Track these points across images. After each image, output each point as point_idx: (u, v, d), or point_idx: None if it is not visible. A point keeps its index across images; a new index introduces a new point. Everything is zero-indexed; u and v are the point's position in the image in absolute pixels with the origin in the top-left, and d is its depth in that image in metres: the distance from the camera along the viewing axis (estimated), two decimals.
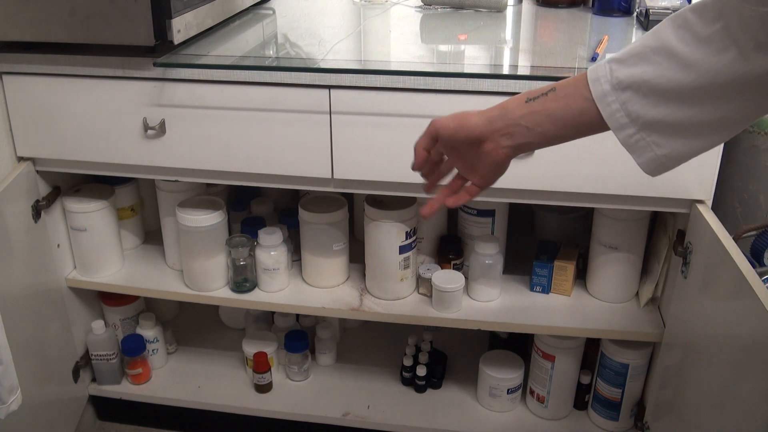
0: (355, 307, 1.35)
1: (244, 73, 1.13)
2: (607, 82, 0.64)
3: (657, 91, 0.62)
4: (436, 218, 1.42)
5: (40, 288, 1.33)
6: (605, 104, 0.64)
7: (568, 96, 0.66)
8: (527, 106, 0.68)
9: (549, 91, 0.68)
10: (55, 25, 1.12)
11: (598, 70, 0.65)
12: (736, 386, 0.91)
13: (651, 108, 0.62)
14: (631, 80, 0.63)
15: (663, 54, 0.61)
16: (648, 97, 0.62)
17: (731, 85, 0.59)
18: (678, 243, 1.18)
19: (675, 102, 0.61)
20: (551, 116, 0.67)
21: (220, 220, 1.34)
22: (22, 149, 1.27)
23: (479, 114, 0.72)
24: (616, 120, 0.64)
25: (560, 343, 1.34)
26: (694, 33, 0.60)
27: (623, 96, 0.63)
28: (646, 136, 0.64)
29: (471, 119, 0.72)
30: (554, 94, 0.67)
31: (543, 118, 0.67)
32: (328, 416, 1.45)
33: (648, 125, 0.63)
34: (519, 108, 0.69)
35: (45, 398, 1.36)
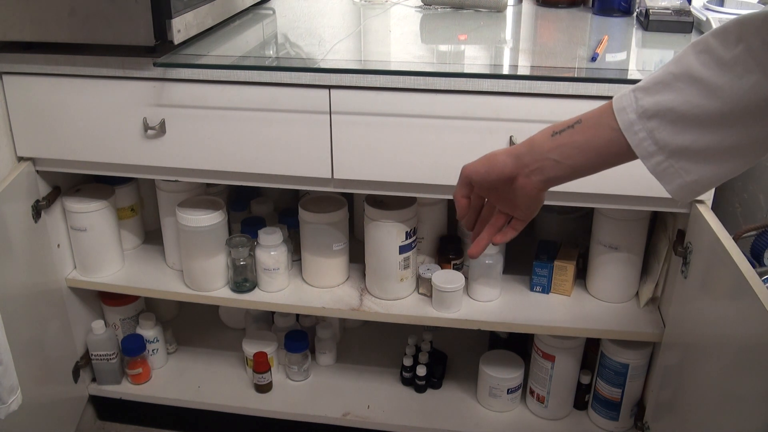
0: (355, 307, 1.35)
1: (244, 73, 1.13)
2: (633, 111, 0.64)
3: (683, 118, 0.62)
4: (436, 218, 1.42)
5: (40, 288, 1.33)
6: (632, 133, 0.64)
7: (595, 127, 0.67)
8: (554, 139, 0.69)
9: (575, 123, 0.68)
10: (55, 25, 1.12)
11: (623, 99, 0.65)
12: (736, 386, 0.91)
13: (678, 135, 0.62)
14: (656, 108, 0.63)
15: (686, 80, 0.61)
16: (675, 124, 0.62)
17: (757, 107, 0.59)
18: (678, 243, 1.18)
19: (702, 128, 0.61)
20: (579, 148, 0.67)
21: (220, 220, 1.34)
22: (22, 149, 1.27)
23: (507, 153, 0.73)
24: (644, 149, 0.64)
25: (560, 343, 1.34)
26: (716, 57, 0.60)
27: (650, 124, 0.63)
28: (675, 163, 0.64)
29: (499, 159, 0.73)
30: (580, 126, 0.67)
31: (571, 150, 0.68)
32: (328, 416, 1.45)
33: (676, 152, 0.63)
34: (546, 142, 0.69)
35: (45, 398, 1.36)
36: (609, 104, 0.66)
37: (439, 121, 1.12)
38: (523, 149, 0.71)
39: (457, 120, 1.11)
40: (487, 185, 0.75)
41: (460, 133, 1.12)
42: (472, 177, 0.76)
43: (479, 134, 1.12)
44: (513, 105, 1.09)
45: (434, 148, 1.14)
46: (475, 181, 0.76)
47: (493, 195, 0.78)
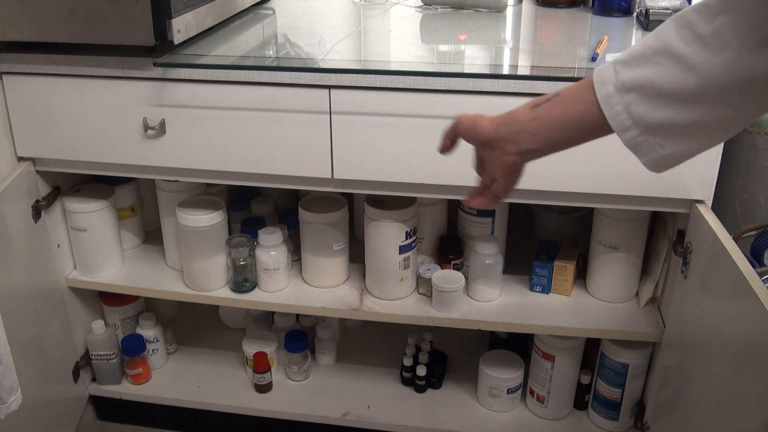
0: (355, 307, 1.35)
1: (244, 73, 1.13)
2: (612, 84, 0.63)
3: (661, 94, 0.61)
4: (436, 218, 1.42)
5: (40, 288, 1.33)
6: (609, 106, 0.64)
7: (572, 100, 0.67)
8: (532, 112, 0.69)
9: (553, 96, 0.68)
10: (55, 25, 1.12)
11: (602, 72, 0.65)
12: (736, 386, 0.91)
13: (655, 110, 0.62)
14: (634, 82, 0.62)
15: (666, 55, 0.61)
16: (652, 99, 0.62)
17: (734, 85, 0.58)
18: (678, 243, 1.18)
19: (679, 104, 0.61)
20: (554, 120, 0.68)
21: (220, 220, 1.34)
22: (22, 149, 1.27)
23: (490, 119, 0.73)
24: (620, 122, 0.64)
25: (560, 343, 1.34)
26: (695, 33, 0.59)
27: (627, 98, 0.63)
28: (650, 138, 0.64)
29: (482, 123, 0.73)
30: (558, 99, 0.68)
31: (547, 122, 0.68)
32: (328, 416, 1.45)
33: (652, 127, 0.63)
34: (524, 114, 0.70)
35: (45, 398, 1.36)
36: (589, 78, 0.66)
37: (439, 121, 1.11)
38: (503, 119, 0.72)
39: None
40: (468, 141, 0.77)
41: None
42: (457, 127, 0.77)
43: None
44: (513, 105, 1.07)
45: (434, 148, 1.13)
46: (457, 130, 0.77)
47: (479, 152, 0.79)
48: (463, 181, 1.16)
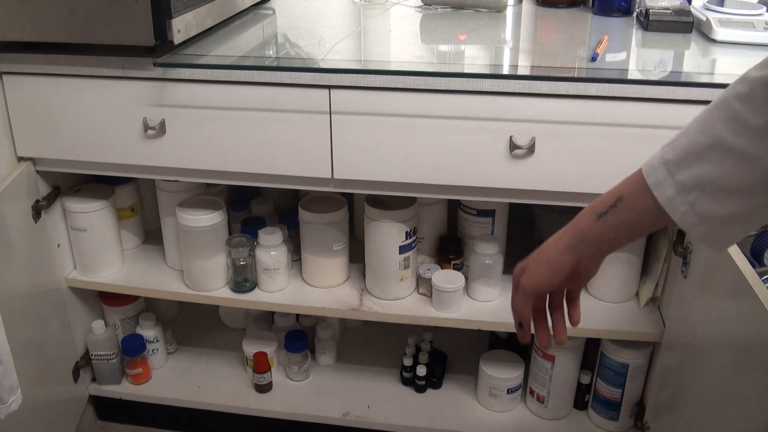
0: (355, 307, 1.35)
1: (244, 73, 1.13)
2: (671, 186, 0.63)
3: (724, 189, 0.60)
4: (436, 218, 1.42)
5: (40, 288, 1.33)
6: (673, 208, 0.63)
7: (638, 206, 0.67)
8: (603, 223, 0.70)
9: (617, 202, 0.68)
10: (55, 25, 1.12)
11: (656, 173, 0.64)
12: (736, 386, 0.91)
13: (720, 206, 0.61)
14: (695, 182, 0.61)
15: (719, 150, 0.60)
16: (715, 195, 0.61)
17: None
18: (678, 243, 1.18)
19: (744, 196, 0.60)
20: (629, 226, 0.68)
21: (220, 220, 1.34)
22: (22, 149, 1.27)
23: (561, 251, 0.74)
24: (687, 222, 0.63)
25: None
26: (746, 125, 0.58)
27: (690, 198, 0.62)
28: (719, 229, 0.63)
29: (559, 260, 0.74)
30: (624, 205, 0.68)
31: (623, 229, 0.69)
32: (328, 416, 1.45)
33: (721, 222, 0.62)
34: (595, 227, 0.70)
35: (45, 398, 1.36)
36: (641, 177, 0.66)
37: (439, 121, 1.12)
38: (574, 240, 0.73)
39: (457, 120, 1.11)
40: (553, 288, 0.77)
41: (460, 133, 1.12)
42: (539, 289, 0.76)
43: (479, 134, 1.12)
44: (513, 105, 1.09)
45: (434, 148, 1.14)
46: (542, 292, 0.77)
47: (553, 293, 0.80)
48: (463, 181, 1.16)
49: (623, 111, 1.07)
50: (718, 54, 1.20)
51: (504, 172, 1.14)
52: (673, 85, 1.04)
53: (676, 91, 1.04)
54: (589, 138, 1.09)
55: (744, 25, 1.23)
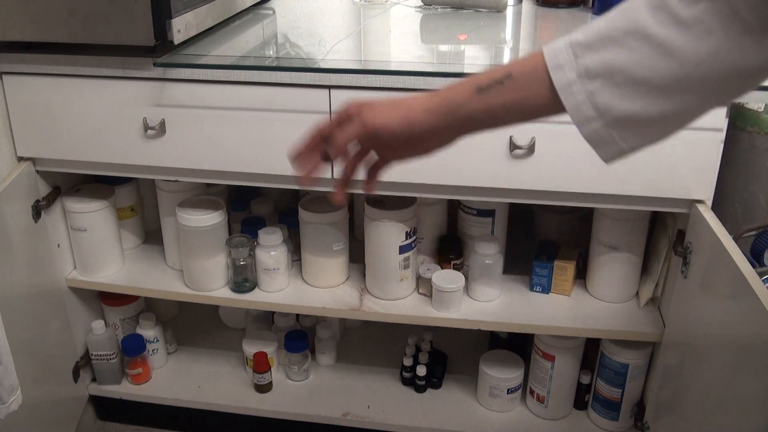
0: (355, 307, 1.35)
1: (244, 73, 1.13)
2: (573, 70, 0.56)
3: (632, 81, 0.55)
4: (436, 218, 1.42)
5: (40, 288, 1.33)
6: (569, 94, 0.57)
7: (527, 86, 0.59)
8: (480, 99, 0.61)
9: (504, 79, 0.60)
10: (55, 25, 1.12)
11: (559, 55, 0.57)
12: (736, 386, 0.91)
13: (624, 100, 0.55)
14: (601, 68, 0.55)
15: (638, 37, 0.54)
16: (621, 87, 0.55)
17: (716, 75, 0.53)
18: (678, 243, 1.18)
19: (652, 94, 0.55)
20: (509, 108, 0.61)
21: (220, 220, 1.34)
22: (22, 149, 1.27)
23: (426, 110, 0.63)
24: (581, 113, 0.57)
25: (560, 343, 1.34)
26: (674, 15, 0.53)
27: (591, 86, 0.56)
28: (614, 131, 0.57)
29: (419, 116, 0.63)
30: (511, 84, 0.59)
31: (498, 110, 0.61)
32: (328, 416, 1.45)
33: (618, 120, 0.56)
34: (470, 101, 0.61)
35: (45, 398, 1.36)
36: (540, 57, 0.58)
37: None
38: (444, 107, 0.62)
39: None
40: (394, 143, 0.66)
41: None
42: (379, 133, 0.65)
43: (479, 134, 1.11)
44: None
45: None
46: (382, 138, 0.65)
47: (383, 150, 0.69)
48: (463, 181, 1.16)
49: None
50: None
51: (504, 172, 1.14)
52: None
53: None
54: None
55: None
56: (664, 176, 1.11)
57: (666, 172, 1.10)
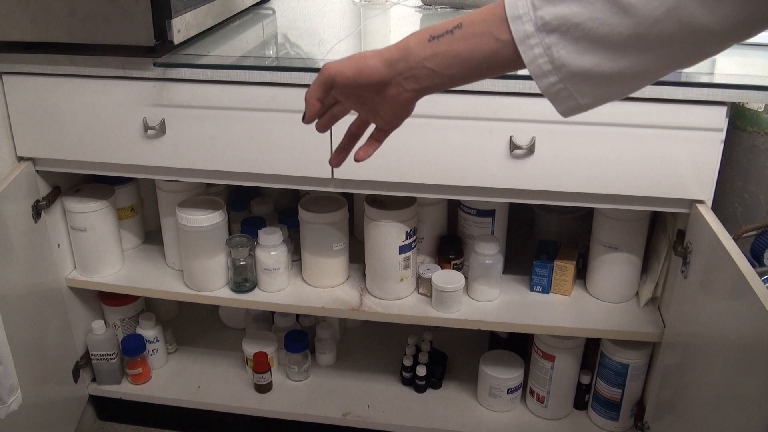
0: (355, 307, 1.35)
1: (244, 73, 1.13)
2: (530, 22, 0.55)
3: (588, 37, 0.54)
4: (436, 218, 1.42)
5: (40, 288, 1.33)
6: (527, 47, 0.56)
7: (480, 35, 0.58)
8: (431, 45, 0.60)
9: (455, 28, 0.59)
10: (55, 25, 1.12)
11: (518, 5, 0.55)
12: (736, 386, 0.91)
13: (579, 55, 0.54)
14: (558, 21, 0.54)
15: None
16: (577, 42, 0.54)
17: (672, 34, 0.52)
18: (678, 243, 1.18)
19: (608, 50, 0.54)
20: (459, 58, 0.59)
21: (220, 220, 1.34)
22: (22, 149, 1.27)
23: (377, 56, 0.64)
24: (538, 66, 0.56)
25: (560, 343, 1.34)
26: None
27: (548, 39, 0.55)
28: (570, 86, 0.56)
29: (370, 64, 0.64)
30: (461, 32, 0.59)
31: (450, 59, 0.60)
32: (328, 416, 1.45)
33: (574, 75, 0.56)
34: (422, 48, 0.61)
35: (45, 398, 1.36)
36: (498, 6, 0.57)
37: (439, 121, 1.12)
38: (396, 54, 0.63)
39: (457, 120, 1.11)
40: (351, 90, 0.68)
41: (460, 133, 1.12)
42: (335, 79, 0.66)
43: (479, 134, 1.12)
44: (513, 105, 1.09)
45: (434, 148, 1.14)
46: (338, 83, 0.67)
47: (353, 100, 0.71)
48: (463, 181, 1.16)
49: (623, 111, 1.07)
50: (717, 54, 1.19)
51: (504, 172, 1.14)
52: (673, 85, 1.04)
53: (676, 91, 1.04)
54: (589, 138, 1.09)
55: None
56: (664, 176, 1.11)
57: (666, 172, 1.10)
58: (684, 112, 1.06)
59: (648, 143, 1.08)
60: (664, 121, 1.07)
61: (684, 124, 1.07)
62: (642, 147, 1.08)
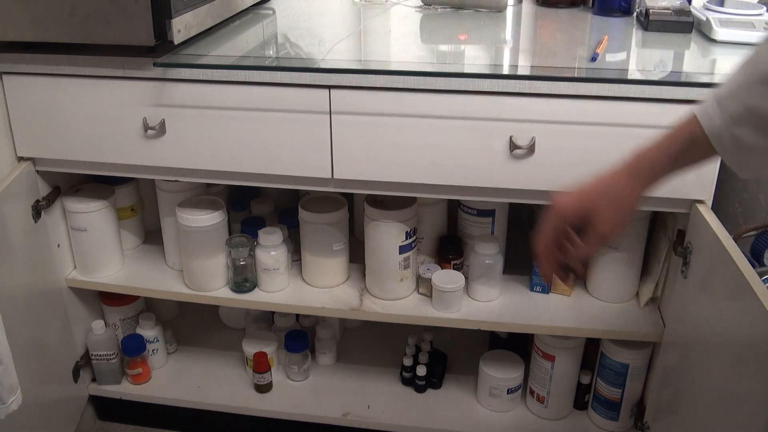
0: (355, 307, 1.35)
1: (244, 73, 1.13)
2: (720, 119, 0.68)
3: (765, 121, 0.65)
4: (436, 218, 1.42)
5: (40, 288, 1.33)
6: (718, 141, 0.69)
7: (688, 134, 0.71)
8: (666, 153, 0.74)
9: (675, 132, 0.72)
10: (55, 25, 1.12)
11: (707, 106, 0.70)
12: (736, 386, 0.91)
13: (759, 137, 0.66)
14: (742, 112, 0.66)
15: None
16: (758, 126, 0.66)
17: None
18: (678, 243, 1.18)
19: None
20: (679, 156, 0.73)
21: (220, 220, 1.34)
22: (22, 149, 1.27)
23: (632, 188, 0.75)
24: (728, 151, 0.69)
25: (560, 343, 1.34)
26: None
27: (735, 130, 0.67)
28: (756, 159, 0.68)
29: (634, 203, 0.75)
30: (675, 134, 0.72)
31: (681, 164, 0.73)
32: (328, 416, 1.45)
33: (755, 150, 0.67)
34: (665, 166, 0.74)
35: (45, 398, 1.36)
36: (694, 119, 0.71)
37: (439, 121, 1.12)
38: (639, 165, 0.74)
39: (457, 120, 1.11)
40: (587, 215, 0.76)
41: (460, 133, 1.12)
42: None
43: (479, 134, 1.12)
44: (513, 105, 1.09)
45: (434, 148, 1.14)
46: (590, 213, 0.75)
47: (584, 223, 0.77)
48: (463, 181, 1.16)
49: (623, 111, 1.07)
50: (718, 54, 1.20)
51: (504, 172, 1.14)
52: (673, 85, 1.04)
53: (676, 91, 1.04)
54: (589, 138, 1.09)
55: (744, 25, 1.23)
56: None
57: None
58: (684, 112, 1.06)
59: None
60: (665, 121, 1.06)
61: None
62: None
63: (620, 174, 0.75)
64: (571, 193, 0.76)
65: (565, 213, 0.76)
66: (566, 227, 0.77)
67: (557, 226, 0.77)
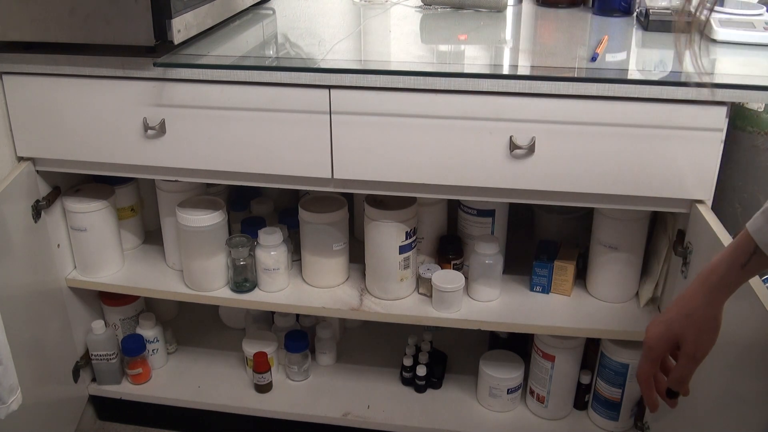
0: (355, 307, 1.35)
1: (244, 73, 1.13)
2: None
3: None
4: (436, 218, 1.42)
5: (40, 288, 1.33)
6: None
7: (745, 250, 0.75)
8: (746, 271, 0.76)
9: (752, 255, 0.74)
10: (55, 25, 1.12)
11: (757, 222, 0.76)
12: (736, 386, 0.91)
13: None
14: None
15: None
16: None
17: None
18: (678, 243, 1.18)
19: None
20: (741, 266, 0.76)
21: (220, 220, 1.34)
22: (22, 149, 1.27)
23: (715, 309, 0.77)
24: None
25: (560, 343, 1.34)
26: None
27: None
28: None
29: (719, 322, 0.77)
30: (756, 258, 0.74)
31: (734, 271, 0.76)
32: (328, 416, 1.45)
33: None
34: (740, 276, 0.76)
35: (45, 398, 1.36)
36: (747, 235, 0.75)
37: (439, 121, 1.12)
38: (712, 280, 0.76)
39: (457, 120, 1.11)
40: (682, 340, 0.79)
41: (460, 133, 1.12)
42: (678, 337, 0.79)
43: (479, 134, 1.12)
44: (513, 105, 1.09)
45: (434, 148, 1.14)
46: (678, 339, 0.79)
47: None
48: (463, 181, 1.16)
49: (623, 111, 1.07)
50: (718, 54, 1.20)
51: (504, 172, 1.14)
52: (673, 85, 1.04)
53: (676, 91, 1.04)
54: (589, 138, 1.09)
55: (744, 25, 1.23)
56: (664, 176, 1.11)
57: (666, 172, 1.10)
58: (684, 112, 1.06)
59: (648, 143, 1.08)
60: (665, 121, 1.07)
61: (684, 124, 1.07)
62: (642, 147, 1.08)
63: (697, 293, 0.77)
64: (658, 323, 0.80)
65: (657, 346, 0.81)
66: (660, 358, 0.82)
67: (652, 358, 0.81)
